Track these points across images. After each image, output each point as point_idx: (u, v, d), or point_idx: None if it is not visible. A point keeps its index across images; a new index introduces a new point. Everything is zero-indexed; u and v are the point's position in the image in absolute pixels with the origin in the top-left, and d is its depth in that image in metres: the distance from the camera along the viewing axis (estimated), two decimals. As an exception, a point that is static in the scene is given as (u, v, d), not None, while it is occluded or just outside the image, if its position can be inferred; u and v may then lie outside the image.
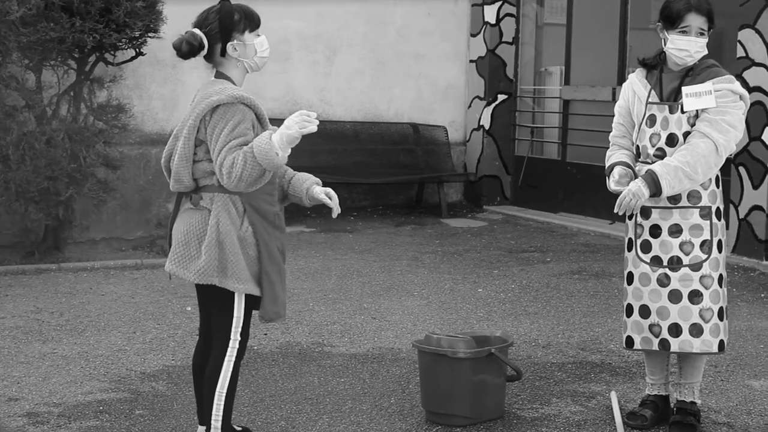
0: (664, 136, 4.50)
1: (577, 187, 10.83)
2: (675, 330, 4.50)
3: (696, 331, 4.49)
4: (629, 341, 4.65)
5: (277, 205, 4.11)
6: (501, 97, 11.63)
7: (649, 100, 4.56)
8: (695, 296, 4.49)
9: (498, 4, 11.51)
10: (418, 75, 11.63)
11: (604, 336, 6.32)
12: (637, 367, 5.67)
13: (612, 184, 4.50)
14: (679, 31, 4.46)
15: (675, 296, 4.50)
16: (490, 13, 11.52)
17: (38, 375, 5.47)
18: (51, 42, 8.05)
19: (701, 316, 4.49)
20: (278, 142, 3.79)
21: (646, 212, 4.54)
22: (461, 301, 7.22)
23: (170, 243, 4.10)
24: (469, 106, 11.83)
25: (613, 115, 4.79)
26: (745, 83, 8.56)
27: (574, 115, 11.00)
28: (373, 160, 11.26)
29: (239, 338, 4.03)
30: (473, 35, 11.73)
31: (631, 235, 4.62)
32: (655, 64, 4.61)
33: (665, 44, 4.53)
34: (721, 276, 4.55)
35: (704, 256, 4.50)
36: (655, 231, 4.54)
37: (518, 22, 11.65)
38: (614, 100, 10.27)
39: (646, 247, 4.56)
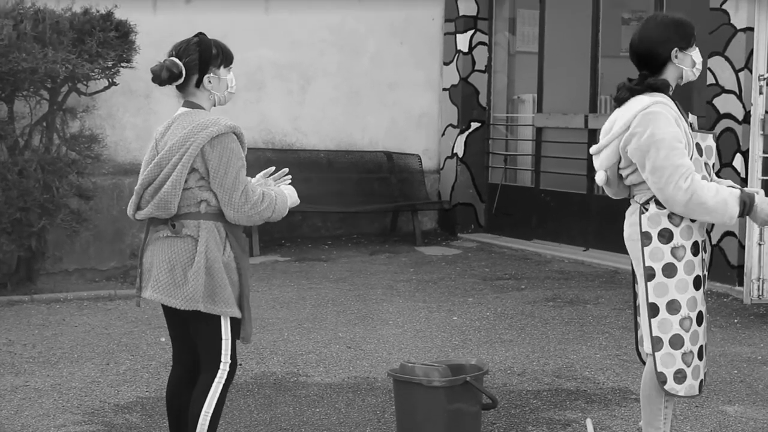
0: (710, 164, 4.39)
1: (551, 214, 10.87)
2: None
3: None
4: (702, 384, 4.33)
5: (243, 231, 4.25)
6: (474, 125, 11.68)
7: (692, 127, 4.37)
8: None
9: (470, 32, 11.58)
10: (392, 103, 11.67)
11: (579, 363, 6.33)
12: (612, 394, 5.68)
13: None
14: (694, 47, 4.35)
15: None
16: (462, 41, 11.59)
17: (11, 408, 5.42)
18: (23, 72, 8.02)
19: None
20: (288, 201, 4.24)
21: (705, 248, 4.35)
22: (436, 329, 7.22)
23: (141, 271, 4.12)
24: (443, 134, 11.87)
25: (586, 143, 4.76)
26: (715, 110, 8.65)
27: (547, 143, 11.05)
28: (348, 188, 11.26)
29: (229, 361, 4.08)
30: (446, 63, 11.79)
31: (699, 272, 4.30)
32: (665, 89, 4.34)
33: (686, 64, 4.32)
34: None
35: None
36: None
37: (490, 51, 11.72)
38: (587, 127, 10.35)
39: (704, 282, 4.37)
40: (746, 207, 4.17)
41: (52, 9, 8.30)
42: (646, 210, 4.24)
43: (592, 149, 4.39)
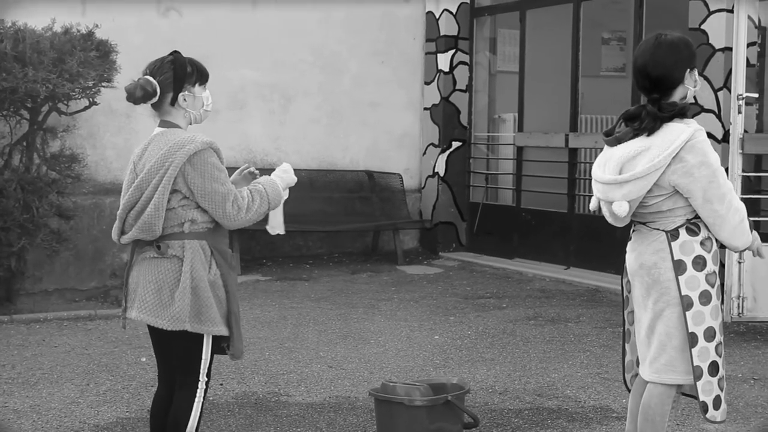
0: None
1: (532, 233, 10.90)
2: None
3: None
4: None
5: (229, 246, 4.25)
6: (455, 144, 11.71)
7: None
8: None
9: (451, 52, 11.63)
10: (373, 123, 11.69)
11: (560, 382, 6.34)
12: (594, 412, 5.69)
13: None
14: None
15: None
16: (443, 61, 11.64)
17: (-11, 429, 5.38)
18: (3, 92, 8.00)
19: None
20: (281, 184, 4.19)
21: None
22: (418, 348, 7.21)
23: (127, 291, 4.13)
24: (424, 153, 11.90)
25: (567, 162, 4.75)
26: (694, 129, 8.68)
27: (528, 162, 11.09)
28: (329, 207, 11.27)
29: (206, 379, 4.11)
30: (427, 83, 11.82)
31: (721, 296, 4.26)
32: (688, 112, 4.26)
33: (691, 84, 4.27)
34: None
35: None
36: None
37: (471, 70, 11.77)
38: (567, 146, 10.39)
39: None
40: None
41: (33, 28, 8.28)
42: (675, 238, 4.11)
43: (610, 179, 4.11)
